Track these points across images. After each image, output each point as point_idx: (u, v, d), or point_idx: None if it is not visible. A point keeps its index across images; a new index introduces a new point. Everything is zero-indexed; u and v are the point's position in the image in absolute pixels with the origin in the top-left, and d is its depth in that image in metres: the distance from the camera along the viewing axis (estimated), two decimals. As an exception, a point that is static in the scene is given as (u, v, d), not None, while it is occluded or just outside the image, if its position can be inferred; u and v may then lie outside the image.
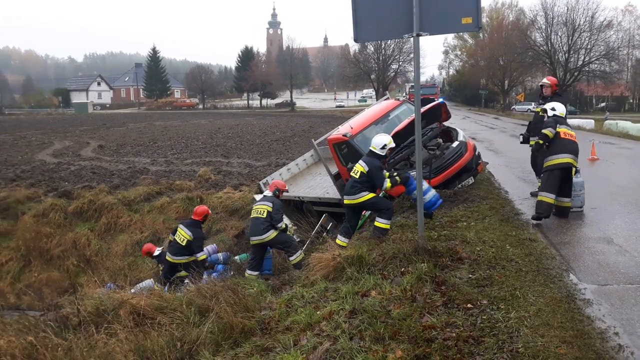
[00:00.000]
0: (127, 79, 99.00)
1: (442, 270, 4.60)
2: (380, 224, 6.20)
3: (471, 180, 8.59)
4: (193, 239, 8.40)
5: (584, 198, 6.72)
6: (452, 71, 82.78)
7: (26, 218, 13.72)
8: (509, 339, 3.32)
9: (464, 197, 7.81)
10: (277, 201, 7.79)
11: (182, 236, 8.43)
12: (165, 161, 21.16)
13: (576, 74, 43.91)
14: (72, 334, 4.72)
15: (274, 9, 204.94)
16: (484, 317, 3.65)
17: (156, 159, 21.89)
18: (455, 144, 8.50)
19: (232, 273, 8.30)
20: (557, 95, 7.48)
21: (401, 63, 60.76)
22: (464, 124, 28.77)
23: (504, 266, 4.70)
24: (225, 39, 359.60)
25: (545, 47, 44.33)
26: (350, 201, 6.41)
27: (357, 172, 6.36)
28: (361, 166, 6.34)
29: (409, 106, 9.91)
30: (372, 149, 6.42)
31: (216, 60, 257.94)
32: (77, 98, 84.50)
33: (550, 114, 6.60)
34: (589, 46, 42.37)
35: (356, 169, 6.42)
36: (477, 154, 8.85)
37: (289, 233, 8.10)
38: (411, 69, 51.09)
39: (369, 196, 6.28)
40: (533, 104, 41.75)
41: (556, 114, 6.57)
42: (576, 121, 24.47)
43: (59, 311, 5.68)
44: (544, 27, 44.27)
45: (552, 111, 6.61)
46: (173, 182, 16.22)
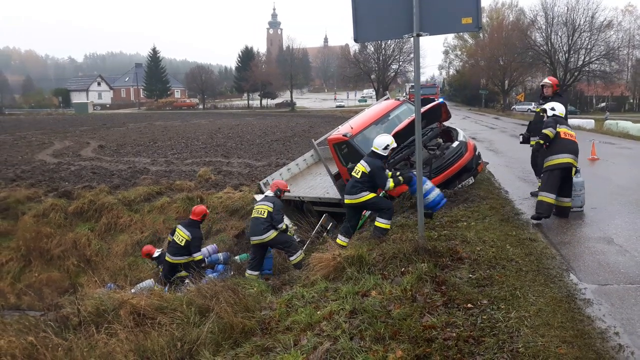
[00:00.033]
0: (127, 79, 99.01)
1: (442, 270, 4.61)
2: (381, 223, 6.22)
3: (471, 180, 8.59)
4: (191, 239, 8.40)
5: (584, 198, 6.73)
6: (452, 71, 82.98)
7: (26, 218, 13.71)
8: (509, 338, 3.32)
9: (464, 197, 7.81)
10: (278, 201, 7.78)
11: (181, 236, 8.43)
12: (166, 161, 21.14)
13: (576, 74, 43.91)
14: (73, 334, 4.73)
15: (274, 9, 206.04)
16: (484, 317, 3.65)
17: (156, 159, 21.87)
18: (455, 144, 8.50)
19: (233, 273, 8.31)
20: (558, 95, 7.49)
21: (401, 63, 60.70)
22: (464, 124, 28.77)
23: (504, 266, 4.70)
24: (225, 39, 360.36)
25: (545, 47, 44.32)
26: (351, 201, 6.42)
27: (359, 172, 6.36)
28: (363, 166, 6.34)
29: (409, 106, 9.91)
30: (374, 149, 6.42)
31: (216, 60, 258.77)
32: (77, 98, 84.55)
33: (549, 114, 6.61)
34: (589, 46, 42.38)
35: (358, 169, 6.43)
36: (477, 154, 8.85)
37: (289, 233, 8.10)
38: (411, 69, 51.15)
39: (370, 196, 6.29)
40: (533, 104, 41.87)
41: (556, 113, 6.58)
42: (576, 121, 24.49)
43: (59, 311, 5.69)
44: (544, 27, 44.30)
45: (551, 111, 6.62)
46: (173, 182, 16.20)
